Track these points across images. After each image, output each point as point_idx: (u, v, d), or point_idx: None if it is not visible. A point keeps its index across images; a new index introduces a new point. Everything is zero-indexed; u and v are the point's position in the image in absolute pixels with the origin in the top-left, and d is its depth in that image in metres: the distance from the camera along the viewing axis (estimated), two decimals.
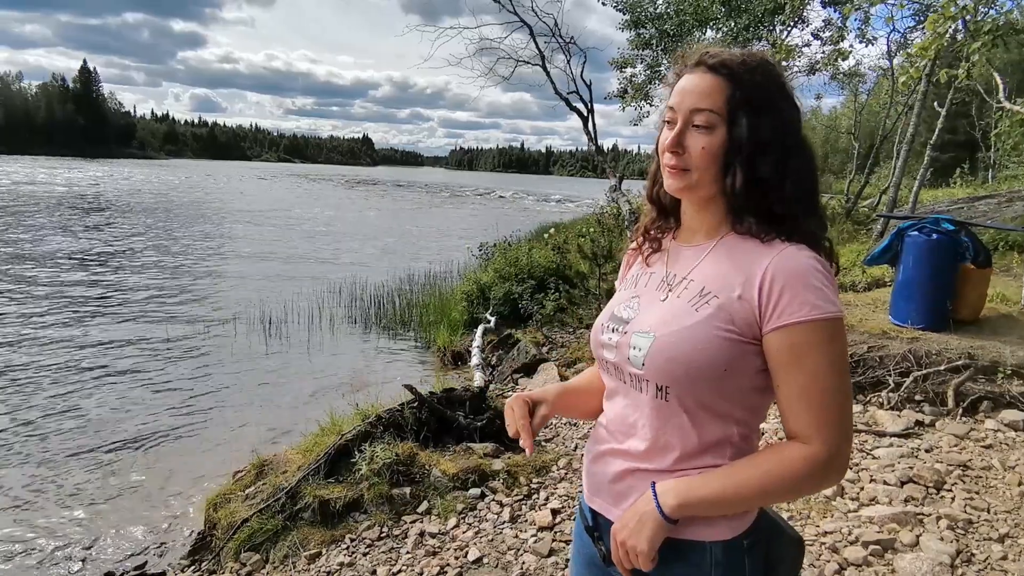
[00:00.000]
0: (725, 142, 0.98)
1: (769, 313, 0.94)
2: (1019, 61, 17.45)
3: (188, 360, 7.19)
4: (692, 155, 1.00)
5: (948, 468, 3.42)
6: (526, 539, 3.06)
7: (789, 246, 0.96)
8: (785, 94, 1.01)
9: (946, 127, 11.64)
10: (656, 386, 1.00)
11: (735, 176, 0.98)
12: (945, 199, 15.65)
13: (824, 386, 0.92)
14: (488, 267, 9.32)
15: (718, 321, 0.96)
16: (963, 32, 5.23)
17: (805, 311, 0.91)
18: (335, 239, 19.27)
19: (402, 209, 35.51)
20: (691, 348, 0.96)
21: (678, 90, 1.03)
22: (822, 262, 0.96)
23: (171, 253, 14.84)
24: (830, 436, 0.92)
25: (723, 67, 0.99)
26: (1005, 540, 2.73)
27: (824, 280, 0.93)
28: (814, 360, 0.92)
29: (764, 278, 0.94)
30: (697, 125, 0.99)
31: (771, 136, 0.97)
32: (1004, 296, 5.97)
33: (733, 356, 0.96)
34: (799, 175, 0.99)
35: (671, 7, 11.06)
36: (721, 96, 0.98)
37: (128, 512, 4.09)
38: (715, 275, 1.01)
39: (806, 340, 0.92)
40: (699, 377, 0.97)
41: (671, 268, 1.10)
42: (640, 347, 1.02)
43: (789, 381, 0.94)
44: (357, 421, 3.82)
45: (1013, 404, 4.04)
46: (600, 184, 10.99)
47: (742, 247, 1.01)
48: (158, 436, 5.19)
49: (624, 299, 1.14)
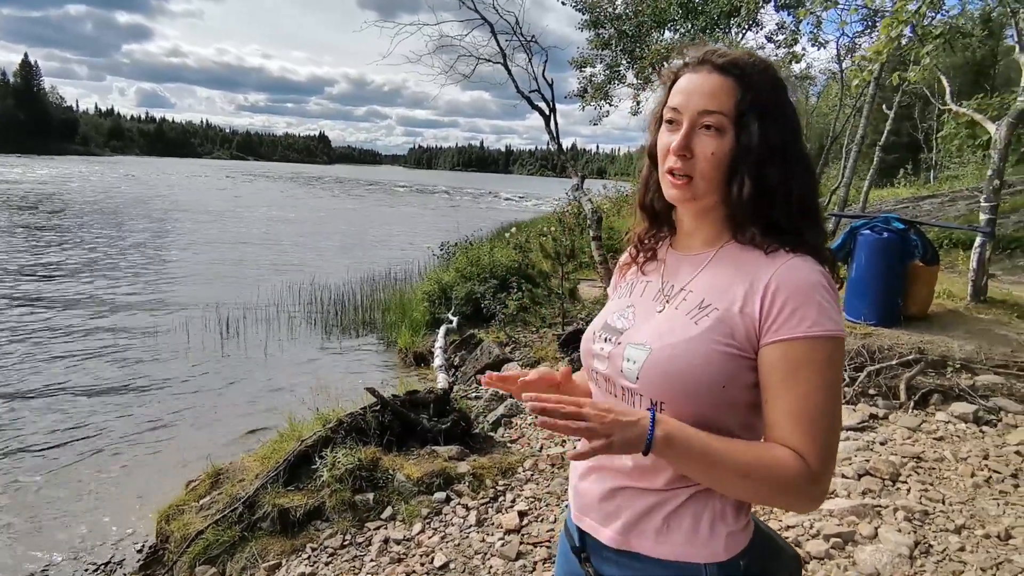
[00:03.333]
0: (733, 148, 0.94)
1: (768, 325, 0.90)
2: (961, 65, 18.23)
3: (137, 365, 6.91)
4: (699, 160, 0.95)
5: (903, 460, 3.51)
6: (493, 543, 3.02)
7: (794, 257, 0.92)
8: (788, 98, 0.98)
9: (892, 129, 12.07)
10: (651, 401, 0.96)
11: (742, 184, 0.94)
12: (891, 198, 16.25)
13: (817, 407, 0.88)
14: (450, 267, 9.24)
15: (718, 335, 0.92)
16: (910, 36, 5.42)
17: (805, 326, 0.88)
18: (292, 239, 18.86)
19: (361, 208, 35.02)
20: (689, 363, 0.92)
21: (683, 90, 0.96)
22: (828, 277, 0.92)
23: (117, 255, 14.27)
24: (818, 459, 0.87)
25: (734, 67, 0.94)
26: (962, 531, 2.81)
27: (828, 296, 0.90)
28: (810, 378, 0.88)
29: (767, 289, 0.91)
30: (706, 127, 0.94)
31: (780, 142, 0.94)
32: (951, 292, 6.21)
33: (732, 372, 0.92)
34: (803, 183, 0.96)
35: (630, 8, 11.15)
36: (731, 98, 0.93)
37: (74, 526, 3.89)
38: (715, 286, 0.97)
39: (804, 357, 0.88)
40: (696, 393, 0.92)
41: (668, 278, 1.06)
42: (634, 360, 0.97)
43: (781, 397, 0.89)
44: (318, 426, 3.72)
45: (962, 397, 4.18)
46: (560, 183, 11.05)
47: (744, 257, 0.97)
48: (106, 445, 4.96)
49: (618, 308, 1.10)
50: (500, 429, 4.39)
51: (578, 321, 6.45)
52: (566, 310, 6.67)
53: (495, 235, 13.43)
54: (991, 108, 7.13)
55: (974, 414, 3.99)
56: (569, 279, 7.15)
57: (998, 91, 10.50)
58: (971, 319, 5.58)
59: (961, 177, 17.93)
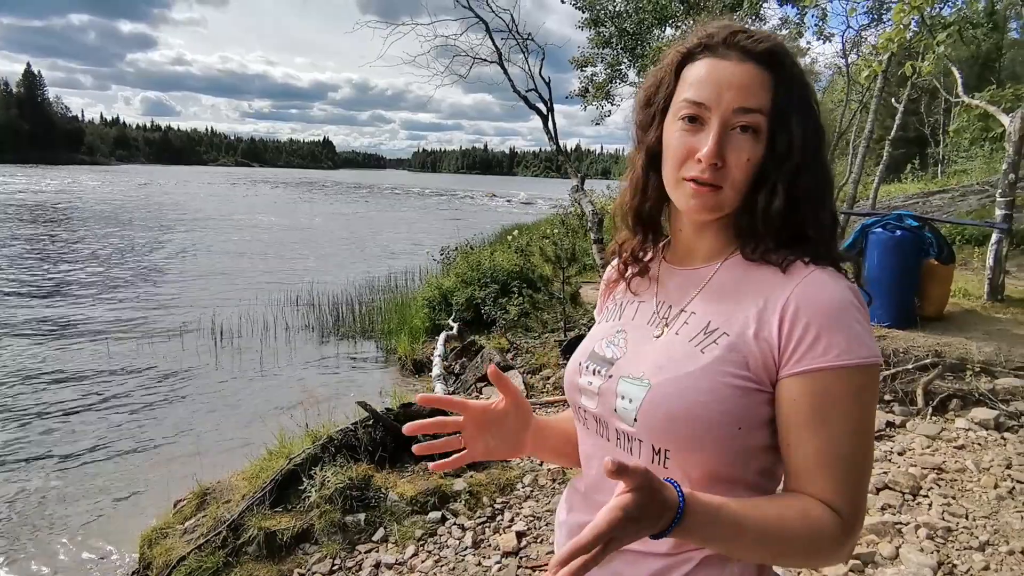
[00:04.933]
0: (766, 152, 0.78)
1: (789, 354, 0.74)
2: (967, 58, 17.99)
3: (128, 376, 6.78)
4: (732, 168, 0.78)
5: (923, 472, 3.34)
6: (490, 567, 2.86)
7: (815, 271, 0.77)
8: (816, 94, 0.84)
9: (899, 123, 11.86)
10: (652, 448, 0.79)
11: (772, 194, 0.78)
12: (899, 194, 16.02)
13: (850, 451, 0.73)
14: (450, 271, 9.09)
15: (730, 365, 0.76)
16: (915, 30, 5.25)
17: (833, 355, 0.72)
18: (294, 245, 18.78)
19: (365, 213, 34.97)
20: (696, 401, 0.76)
21: (712, 80, 0.79)
22: (857, 292, 0.76)
23: (118, 263, 14.21)
24: (851, 509, 0.73)
25: (771, 56, 0.78)
26: (986, 548, 2.64)
27: (860, 317, 0.74)
28: (841, 417, 0.72)
29: (786, 310, 0.75)
30: (742, 127, 0.77)
31: (814, 144, 0.79)
32: (966, 291, 6.02)
33: (748, 410, 0.76)
34: (827, 189, 0.82)
35: (630, 5, 11.01)
36: (768, 93, 0.78)
37: (51, 551, 3.74)
38: (723, 307, 0.81)
39: (833, 391, 0.72)
40: (707, 438, 0.76)
41: (664, 297, 0.89)
42: (630, 397, 0.81)
43: (807, 440, 0.74)
44: (307, 443, 3.56)
45: (982, 401, 4.00)
46: (564, 184, 10.91)
47: (756, 272, 0.81)
48: (88, 462, 4.82)
49: (607, 333, 0.92)
50: None
51: (580, 326, 6.28)
52: (568, 315, 6.50)
53: (497, 238, 13.29)
54: (1004, 100, 6.95)
55: (995, 420, 3.81)
56: (571, 283, 6.98)
57: (1005, 84, 10.29)
58: (989, 319, 5.39)
59: (969, 171, 17.67)
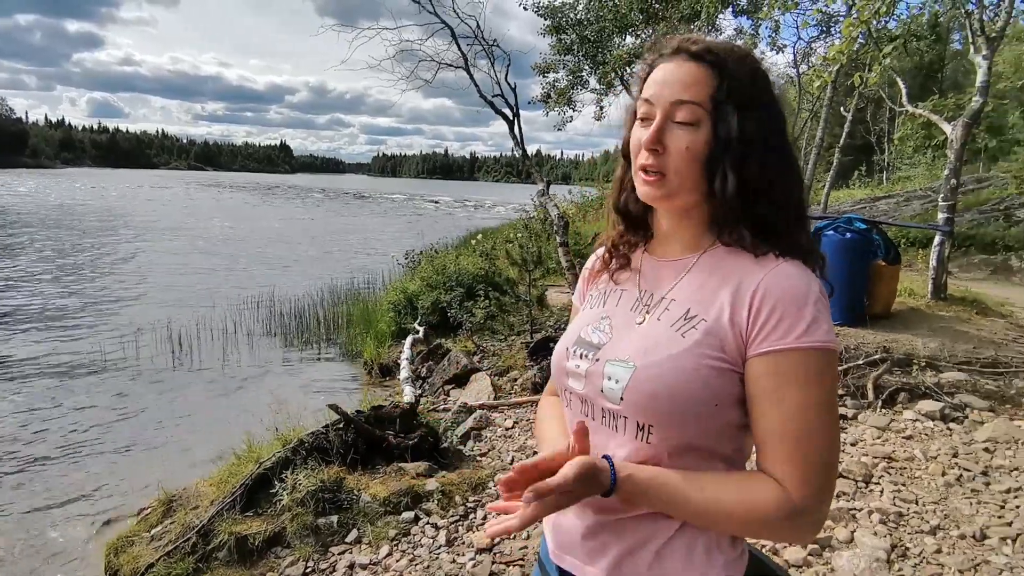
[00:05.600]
0: (710, 141, 0.85)
1: (755, 335, 0.82)
2: (910, 68, 18.83)
3: (83, 384, 6.57)
4: (672, 156, 0.86)
5: (874, 461, 3.51)
6: (464, 563, 2.90)
7: (783, 263, 0.85)
8: (771, 89, 0.90)
9: (847, 131, 12.36)
10: (637, 424, 0.87)
11: (725, 180, 0.85)
12: (847, 199, 16.66)
13: (808, 427, 0.80)
14: (415, 275, 9.07)
15: (707, 348, 0.84)
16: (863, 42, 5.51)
17: (793, 337, 0.80)
18: (251, 250, 18.40)
19: (324, 217, 34.49)
20: (678, 380, 0.84)
21: (655, 81, 0.89)
22: (820, 284, 0.85)
23: (66, 269, 13.70)
24: (808, 488, 0.80)
25: (709, 54, 0.87)
26: (937, 532, 2.79)
27: (821, 307, 0.82)
28: (796, 395, 0.80)
29: (755, 296, 0.83)
30: (680, 121, 0.86)
31: (761, 134, 0.86)
32: (911, 290, 6.32)
33: (724, 389, 0.84)
34: (788, 179, 0.89)
35: (591, 13, 11.20)
36: (707, 88, 0.86)
37: (16, 561, 3.62)
38: (701, 294, 0.88)
39: (791, 370, 0.80)
40: (687, 414, 0.84)
41: (646, 286, 0.97)
42: (617, 378, 0.88)
43: (768, 415, 0.82)
44: (277, 447, 3.54)
45: (928, 395, 4.22)
46: (525, 189, 11.02)
47: (731, 261, 0.89)
48: (48, 472, 4.67)
49: (592, 320, 1.00)
50: (469, 443, 4.27)
51: (546, 328, 6.36)
52: (534, 317, 6.57)
53: (461, 243, 13.30)
54: (946, 109, 7.32)
55: (940, 411, 4.02)
56: (536, 286, 7.06)
57: (947, 93, 10.86)
58: (933, 316, 5.67)
59: (913, 177, 18.50)
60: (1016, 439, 3.62)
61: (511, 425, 4.46)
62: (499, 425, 4.48)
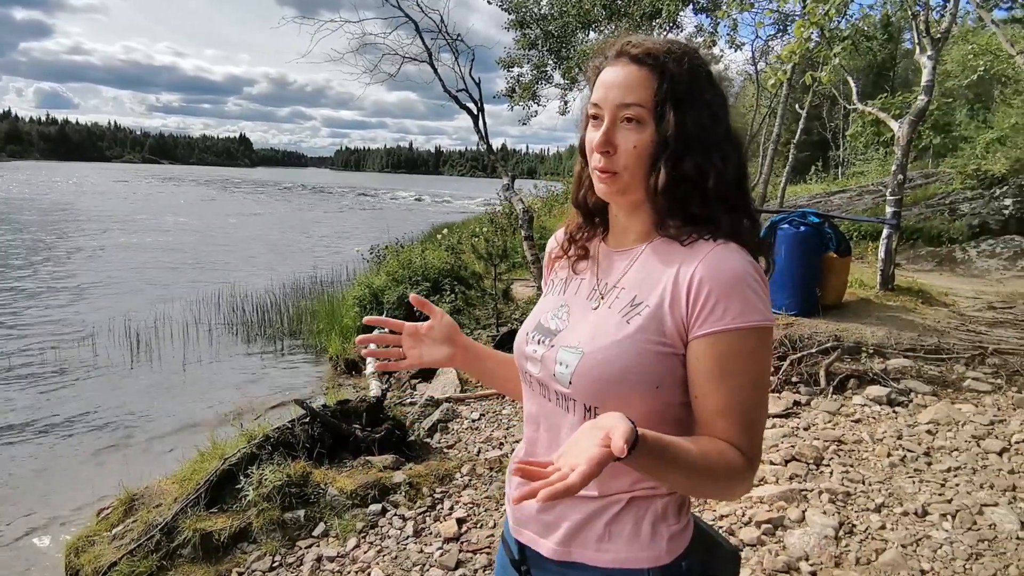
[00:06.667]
0: (654, 139, 0.91)
1: (694, 319, 0.88)
2: (863, 67, 19.43)
3: (36, 383, 6.38)
4: (622, 155, 0.92)
5: (825, 444, 3.66)
6: (432, 553, 2.94)
7: (717, 247, 0.90)
8: (712, 83, 0.95)
9: (803, 128, 12.71)
10: (584, 406, 0.93)
11: (658, 176, 0.91)
12: (804, 194, 17.13)
13: (747, 400, 0.88)
14: (380, 270, 9.03)
15: (650, 333, 0.90)
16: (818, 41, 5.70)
17: (730, 318, 0.86)
18: (209, 246, 18.01)
19: (286, 212, 33.91)
20: (621, 364, 0.89)
21: (602, 84, 0.94)
22: (755, 264, 0.90)
23: (14, 266, 13.21)
24: (755, 449, 0.88)
25: (648, 57, 0.92)
26: (881, 510, 2.95)
27: (755, 286, 0.88)
28: (737, 372, 0.87)
29: (692, 281, 0.88)
30: (628, 119, 0.92)
31: (697, 131, 0.91)
32: (862, 281, 6.57)
33: (666, 371, 0.90)
34: (724, 170, 0.93)
35: (555, 8, 11.27)
36: (648, 89, 0.91)
37: None
38: (646, 282, 0.94)
39: (730, 350, 0.86)
40: (630, 396, 0.89)
41: (601, 275, 1.02)
42: (566, 363, 0.94)
43: (712, 392, 0.88)
44: (242, 443, 3.52)
45: (876, 380, 4.41)
46: (491, 183, 11.03)
47: (668, 250, 0.94)
48: (3, 473, 4.54)
49: (551, 307, 1.06)
50: (436, 435, 4.30)
51: (512, 322, 6.43)
52: (500, 311, 6.63)
53: (427, 237, 13.27)
54: (894, 107, 7.61)
55: (887, 396, 4.21)
56: (502, 280, 7.12)
57: (898, 91, 11.27)
58: (881, 306, 5.92)
59: (866, 173, 19.11)
60: (956, 421, 3.83)
61: (477, 417, 4.51)
62: (465, 417, 4.53)
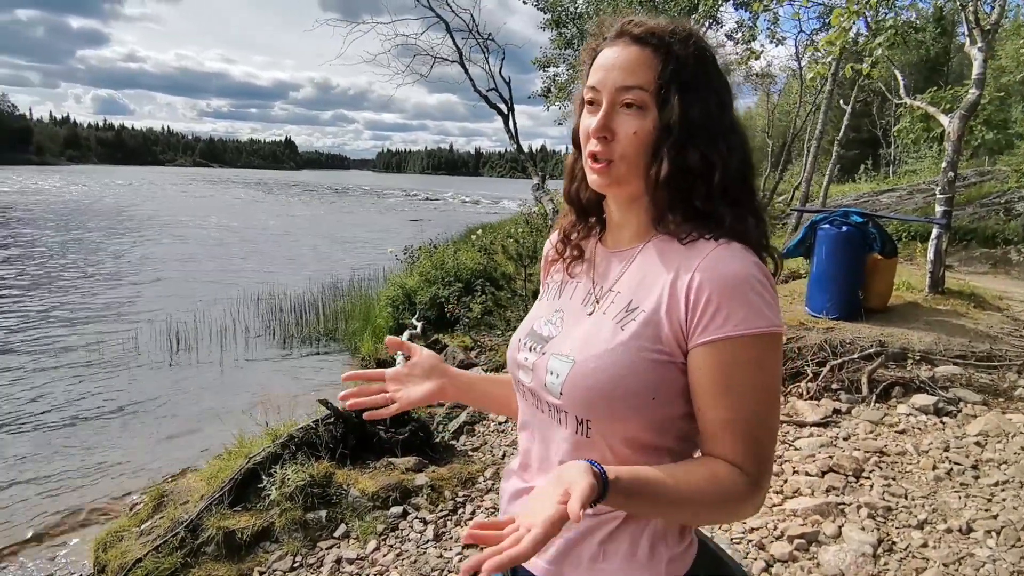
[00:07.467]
0: (657, 125, 0.83)
1: (694, 325, 0.80)
2: (916, 62, 18.70)
3: (80, 379, 6.59)
4: (621, 142, 0.84)
5: (865, 455, 3.48)
6: (451, 558, 2.90)
7: (718, 247, 0.82)
8: (717, 69, 0.88)
9: (851, 125, 12.28)
10: (576, 419, 0.86)
11: (660, 166, 0.83)
12: (852, 193, 16.58)
13: (752, 413, 0.80)
14: (413, 271, 9.08)
15: (645, 340, 0.82)
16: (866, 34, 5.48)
17: (732, 325, 0.78)
18: (254, 247, 18.44)
19: (329, 213, 34.53)
20: (613, 375, 0.82)
21: (600, 66, 0.87)
22: (760, 266, 0.81)
23: (65, 267, 13.75)
24: (762, 466, 0.80)
25: (652, 37, 0.85)
26: (924, 527, 2.78)
27: (761, 289, 0.79)
28: (742, 382, 0.79)
29: (691, 285, 0.80)
30: (627, 104, 0.84)
31: (703, 118, 0.83)
32: (909, 284, 6.27)
33: (663, 381, 0.82)
34: (731, 162, 0.85)
35: (591, 7, 11.16)
36: (651, 71, 0.83)
37: (6, 555, 3.64)
38: (642, 285, 0.86)
39: (735, 358, 0.78)
40: (625, 408, 0.82)
41: (597, 278, 0.95)
42: (557, 373, 0.87)
43: (712, 405, 0.80)
44: (267, 442, 3.55)
45: (922, 389, 4.19)
46: (530, 184, 10.95)
47: (667, 250, 0.86)
48: (40, 467, 4.68)
49: (545, 312, 0.99)
50: (462, 437, 4.27)
51: None
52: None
53: (461, 238, 13.29)
54: (944, 101, 7.26)
55: (934, 405, 3.99)
56: (532, 280, 7.06)
57: (951, 86, 10.79)
58: (929, 310, 5.63)
59: (919, 171, 18.38)
60: (1007, 432, 3.59)
61: (504, 420, 4.46)
62: (492, 419, 4.48)
